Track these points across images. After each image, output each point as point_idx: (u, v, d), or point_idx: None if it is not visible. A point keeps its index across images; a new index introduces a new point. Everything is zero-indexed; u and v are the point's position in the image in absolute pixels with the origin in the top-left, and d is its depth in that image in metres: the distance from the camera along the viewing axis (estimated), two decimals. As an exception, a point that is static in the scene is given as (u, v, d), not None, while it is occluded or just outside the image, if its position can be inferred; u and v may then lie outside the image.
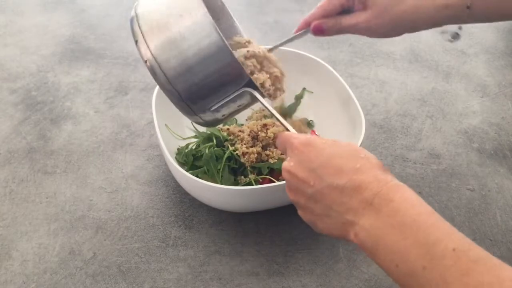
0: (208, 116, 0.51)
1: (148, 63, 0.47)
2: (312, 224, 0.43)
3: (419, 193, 0.68)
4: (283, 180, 0.46)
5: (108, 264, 0.58)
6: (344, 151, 0.41)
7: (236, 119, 0.70)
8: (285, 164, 0.43)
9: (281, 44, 0.61)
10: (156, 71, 0.47)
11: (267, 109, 0.49)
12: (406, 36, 1.03)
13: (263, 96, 0.49)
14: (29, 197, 0.65)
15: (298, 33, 0.60)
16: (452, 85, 0.88)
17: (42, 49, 0.93)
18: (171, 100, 0.49)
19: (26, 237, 0.60)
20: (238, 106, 0.51)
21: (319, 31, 0.58)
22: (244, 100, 0.50)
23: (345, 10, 0.58)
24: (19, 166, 0.70)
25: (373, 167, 0.39)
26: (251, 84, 0.48)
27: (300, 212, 0.44)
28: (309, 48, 0.96)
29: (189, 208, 0.65)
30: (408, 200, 0.37)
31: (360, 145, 0.59)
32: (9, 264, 0.58)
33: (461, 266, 0.31)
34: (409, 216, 0.35)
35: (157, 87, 0.66)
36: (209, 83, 0.47)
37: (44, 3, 1.08)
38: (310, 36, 1.01)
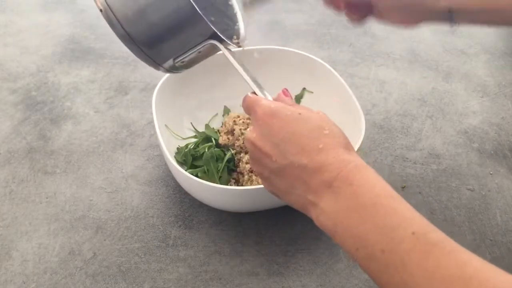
0: (168, 65, 0.49)
1: (103, 12, 0.47)
2: (274, 195, 0.43)
3: (419, 193, 0.68)
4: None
5: (108, 264, 0.58)
6: (307, 128, 0.40)
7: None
8: (248, 135, 0.42)
9: None
10: (112, 20, 0.47)
11: (232, 63, 0.46)
12: (406, 36, 1.03)
13: (230, 49, 0.47)
14: (29, 197, 0.65)
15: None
16: (452, 85, 0.88)
17: (42, 49, 0.93)
18: (131, 50, 0.48)
19: (26, 237, 0.60)
20: (204, 55, 0.49)
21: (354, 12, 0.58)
22: (213, 50, 0.48)
23: None
24: (19, 166, 0.70)
25: (336, 146, 0.39)
26: (215, 37, 0.45)
27: (263, 183, 0.43)
28: (309, 48, 0.96)
29: (189, 208, 0.65)
30: (368, 183, 0.36)
31: (360, 145, 0.59)
32: (9, 264, 0.58)
33: (420, 250, 0.31)
34: (368, 199, 0.35)
35: (157, 87, 0.66)
36: (172, 34, 0.45)
37: (44, 3, 1.08)
38: (310, 36, 1.01)
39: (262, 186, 0.56)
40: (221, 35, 0.45)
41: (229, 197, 0.57)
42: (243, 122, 0.65)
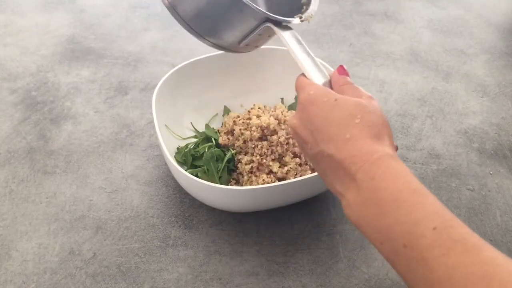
0: (234, 47, 0.52)
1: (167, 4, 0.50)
2: (318, 174, 0.44)
3: (419, 193, 0.68)
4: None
5: (108, 264, 0.58)
6: (339, 116, 0.40)
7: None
8: (290, 120, 0.44)
9: None
10: (177, 18, 0.50)
11: (287, 44, 0.48)
12: (406, 36, 1.03)
13: (287, 27, 0.48)
14: (29, 197, 0.65)
15: None
16: (452, 85, 0.88)
17: (42, 49, 0.93)
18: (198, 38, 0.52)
19: (26, 237, 0.60)
20: (268, 36, 0.51)
21: None
22: (265, 31, 0.49)
23: None
24: (19, 166, 0.70)
25: (364, 136, 0.38)
26: (269, 20, 0.47)
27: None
28: (309, 48, 0.96)
29: (189, 208, 0.65)
30: (390, 177, 0.36)
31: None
32: (9, 264, 0.58)
33: (440, 245, 0.31)
34: (389, 194, 0.35)
35: (157, 87, 0.66)
36: (222, 26, 0.49)
37: (44, 3, 1.08)
38: (310, 36, 1.02)
39: (262, 186, 0.56)
40: (275, 17, 0.47)
41: (229, 197, 0.57)
42: (243, 122, 0.65)
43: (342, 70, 0.46)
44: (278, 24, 0.48)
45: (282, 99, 0.75)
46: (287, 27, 0.48)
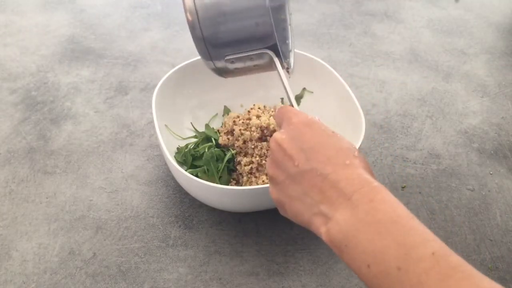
0: (220, 64, 0.51)
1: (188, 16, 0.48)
2: (279, 204, 0.42)
3: (419, 193, 0.68)
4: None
5: (108, 264, 0.58)
6: (338, 145, 0.40)
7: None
8: (276, 135, 0.42)
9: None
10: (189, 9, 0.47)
11: (280, 77, 0.48)
12: (406, 36, 1.03)
13: (282, 66, 0.49)
14: (29, 197, 0.65)
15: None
16: (452, 85, 0.88)
17: (42, 49, 0.93)
18: (193, 36, 0.49)
19: (26, 237, 0.60)
20: (253, 66, 0.51)
21: None
22: (262, 61, 0.50)
23: None
24: (19, 166, 0.70)
25: (361, 167, 0.38)
26: (275, 49, 0.48)
27: (271, 188, 0.43)
28: (309, 48, 0.96)
29: (189, 208, 0.65)
30: (389, 203, 0.35)
31: (360, 145, 0.59)
32: (9, 264, 0.58)
33: (439, 271, 0.31)
34: (389, 217, 0.34)
35: (157, 87, 0.66)
36: (237, 33, 0.48)
37: (44, 3, 1.08)
38: (310, 36, 1.01)
39: (262, 186, 0.56)
40: (280, 49, 0.48)
41: (229, 197, 0.57)
42: (242, 122, 0.65)
43: None
44: (277, 54, 0.49)
45: (282, 99, 0.75)
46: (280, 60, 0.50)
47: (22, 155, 0.71)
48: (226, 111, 0.75)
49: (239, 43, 0.48)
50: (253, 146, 0.63)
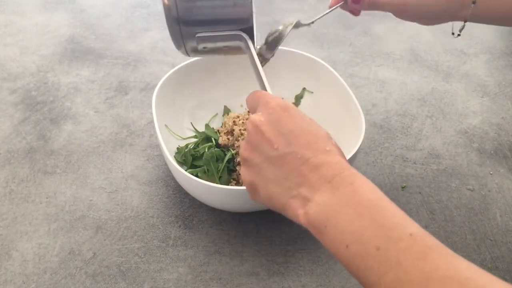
0: (190, 43, 0.49)
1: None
2: (252, 187, 0.41)
3: (419, 193, 0.68)
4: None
5: (108, 264, 0.58)
6: (318, 131, 0.40)
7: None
8: (254, 117, 0.41)
9: (316, 20, 0.60)
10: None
11: (254, 59, 0.47)
12: (406, 36, 1.03)
13: (256, 50, 0.49)
14: (29, 197, 0.65)
15: (334, 7, 0.61)
16: (452, 85, 0.88)
17: (42, 49, 0.93)
18: (165, 12, 0.48)
19: (26, 237, 0.60)
20: (223, 47, 0.50)
21: (356, 2, 0.61)
22: (233, 44, 0.49)
23: None
24: (19, 166, 0.70)
25: (341, 155, 0.39)
26: (249, 33, 0.47)
27: (244, 171, 0.42)
28: (309, 48, 0.96)
29: (189, 208, 0.65)
30: (368, 187, 0.36)
31: (360, 145, 0.59)
32: (9, 264, 0.58)
33: (417, 250, 0.31)
34: (369, 200, 0.35)
35: (157, 87, 0.66)
36: (212, 11, 0.46)
37: (44, 3, 1.08)
38: (309, 36, 1.01)
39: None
40: (254, 33, 0.47)
41: (229, 197, 0.57)
42: (242, 122, 0.65)
43: None
44: (251, 37, 0.48)
45: (282, 98, 0.75)
46: (252, 42, 0.49)
47: (22, 155, 0.71)
48: (226, 111, 0.75)
49: (214, 22, 0.47)
50: None
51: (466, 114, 0.82)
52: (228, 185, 0.64)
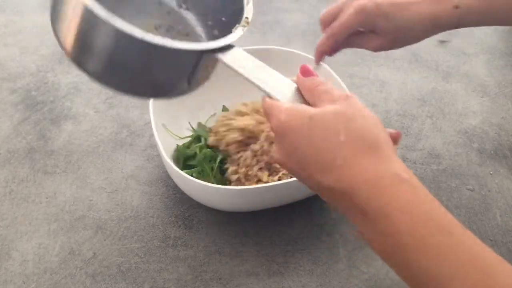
0: (182, 91, 0.45)
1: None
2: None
3: (419, 193, 0.68)
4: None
5: (108, 264, 0.58)
6: (321, 139, 0.35)
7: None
8: (274, 155, 0.39)
9: None
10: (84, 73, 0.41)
11: (237, 68, 0.41)
12: (406, 36, 1.02)
13: (229, 46, 0.41)
14: (29, 197, 0.65)
15: (318, 64, 0.63)
16: (452, 85, 0.88)
17: (42, 49, 0.93)
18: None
19: (26, 237, 0.60)
20: (205, 69, 0.44)
21: (334, 52, 0.64)
22: (209, 61, 0.42)
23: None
24: (19, 166, 0.70)
25: (357, 155, 0.34)
26: (209, 51, 0.40)
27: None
28: (309, 48, 0.96)
29: (189, 208, 0.65)
30: (404, 211, 0.33)
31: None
32: (9, 264, 0.58)
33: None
34: (410, 239, 0.32)
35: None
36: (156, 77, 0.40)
37: (44, 3, 1.08)
38: (310, 36, 1.01)
39: (261, 186, 0.56)
40: (214, 44, 0.40)
41: (228, 197, 0.57)
42: (225, 123, 0.62)
43: (305, 70, 0.40)
44: (221, 49, 0.40)
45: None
46: (229, 46, 0.41)
47: (22, 155, 0.71)
48: (225, 110, 0.75)
49: (177, 75, 0.42)
50: (237, 157, 0.60)
51: (466, 114, 0.82)
52: (222, 185, 0.63)
